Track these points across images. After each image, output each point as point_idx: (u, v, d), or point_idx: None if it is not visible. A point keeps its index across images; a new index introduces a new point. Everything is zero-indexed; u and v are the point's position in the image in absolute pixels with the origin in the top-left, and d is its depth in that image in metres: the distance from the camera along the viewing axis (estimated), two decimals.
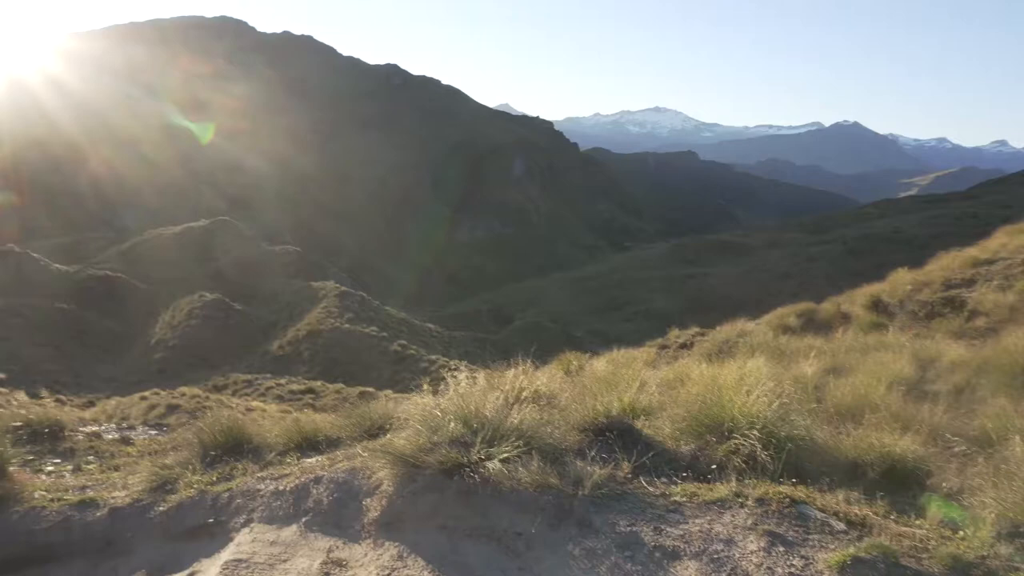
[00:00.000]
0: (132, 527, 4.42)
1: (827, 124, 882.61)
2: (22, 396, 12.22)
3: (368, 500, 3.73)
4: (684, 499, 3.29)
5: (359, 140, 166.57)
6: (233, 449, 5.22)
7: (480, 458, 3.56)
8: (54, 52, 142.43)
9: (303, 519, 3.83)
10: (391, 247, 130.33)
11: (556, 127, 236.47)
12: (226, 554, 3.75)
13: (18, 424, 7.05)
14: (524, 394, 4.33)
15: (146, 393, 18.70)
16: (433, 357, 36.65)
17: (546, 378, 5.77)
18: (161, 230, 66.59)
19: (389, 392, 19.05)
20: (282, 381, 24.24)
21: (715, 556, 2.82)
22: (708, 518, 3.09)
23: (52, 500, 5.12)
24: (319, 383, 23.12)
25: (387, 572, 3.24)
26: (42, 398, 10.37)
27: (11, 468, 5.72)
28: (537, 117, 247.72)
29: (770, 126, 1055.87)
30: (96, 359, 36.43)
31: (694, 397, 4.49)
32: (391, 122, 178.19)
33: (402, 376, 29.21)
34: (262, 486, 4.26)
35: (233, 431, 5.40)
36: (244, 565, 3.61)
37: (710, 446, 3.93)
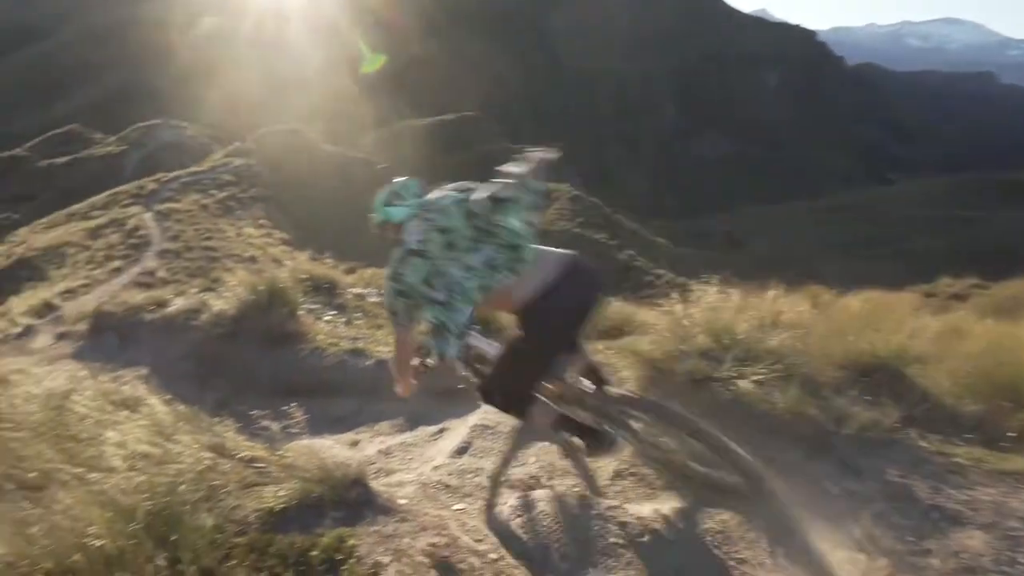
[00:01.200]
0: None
1: None
2: (304, 255, 14.24)
3: None
4: (968, 463, 2.90)
5: (602, 42, 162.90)
6: (482, 326, 5.61)
7: (731, 375, 3.44)
8: None
9: None
10: (628, 156, 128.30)
11: (820, 38, 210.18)
12: (473, 418, 4.09)
13: (304, 277, 8.23)
14: (782, 318, 4.05)
15: None
16: (659, 271, 36.31)
17: (793, 307, 5.39)
18: (414, 121, 71.77)
19: (609, 300, 19.25)
20: None
21: (1010, 533, 2.46)
22: (1001, 489, 2.69)
23: (331, 344, 5.94)
24: None
25: None
26: (320, 259, 12.05)
27: (300, 312, 6.72)
28: (798, 26, 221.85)
29: None
30: (355, 232, 41.15)
31: (982, 352, 3.91)
32: (635, 26, 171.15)
33: (626, 286, 29.29)
34: None
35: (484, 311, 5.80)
36: (489, 431, 3.91)
37: (1002, 411, 3.41)
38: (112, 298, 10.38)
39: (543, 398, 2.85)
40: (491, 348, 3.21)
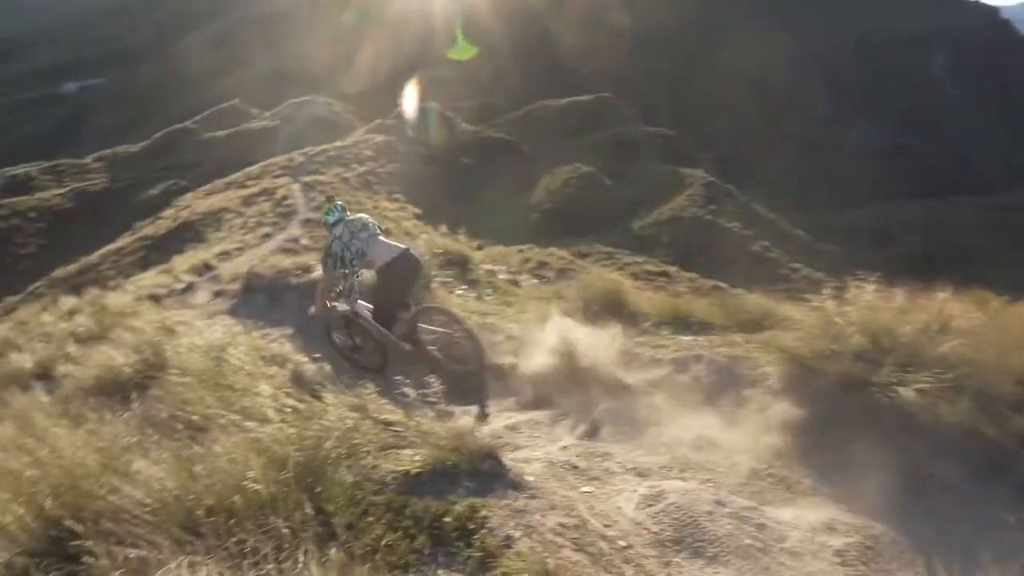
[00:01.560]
0: None
1: None
2: (438, 231, 14.67)
3: (750, 390, 3.61)
4: None
5: (746, 25, 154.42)
6: (611, 310, 5.51)
7: (891, 381, 3.15)
8: None
9: None
10: (768, 145, 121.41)
11: (1004, 14, 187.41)
12: (603, 403, 4.03)
13: (439, 252, 8.45)
14: (954, 323, 3.66)
15: (523, 247, 21.02)
16: (796, 265, 34.30)
17: (965, 313, 4.89)
18: (549, 101, 71.54)
19: (740, 291, 18.43)
20: (639, 259, 25.14)
21: None
22: None
23: (464, 317, 6.05)
24: (674, 268, 23.42)
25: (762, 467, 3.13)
26: (454, 235, 12.36)
27: (433, 285, 6.90)
28: (977, 1, 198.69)
29: None
30: (484, 209, 41.91)
31: None
32: (785, 5, 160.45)
33: (757, 278, 27.96)
34: (640, 350, 4.41)
35: (613, 294, 5.69)
36: (617, 415, 3.84)
37: None
38: (262, 261, 11.13)
39: (400, 322, 5.24)
40: (367, 308, 5.41)
